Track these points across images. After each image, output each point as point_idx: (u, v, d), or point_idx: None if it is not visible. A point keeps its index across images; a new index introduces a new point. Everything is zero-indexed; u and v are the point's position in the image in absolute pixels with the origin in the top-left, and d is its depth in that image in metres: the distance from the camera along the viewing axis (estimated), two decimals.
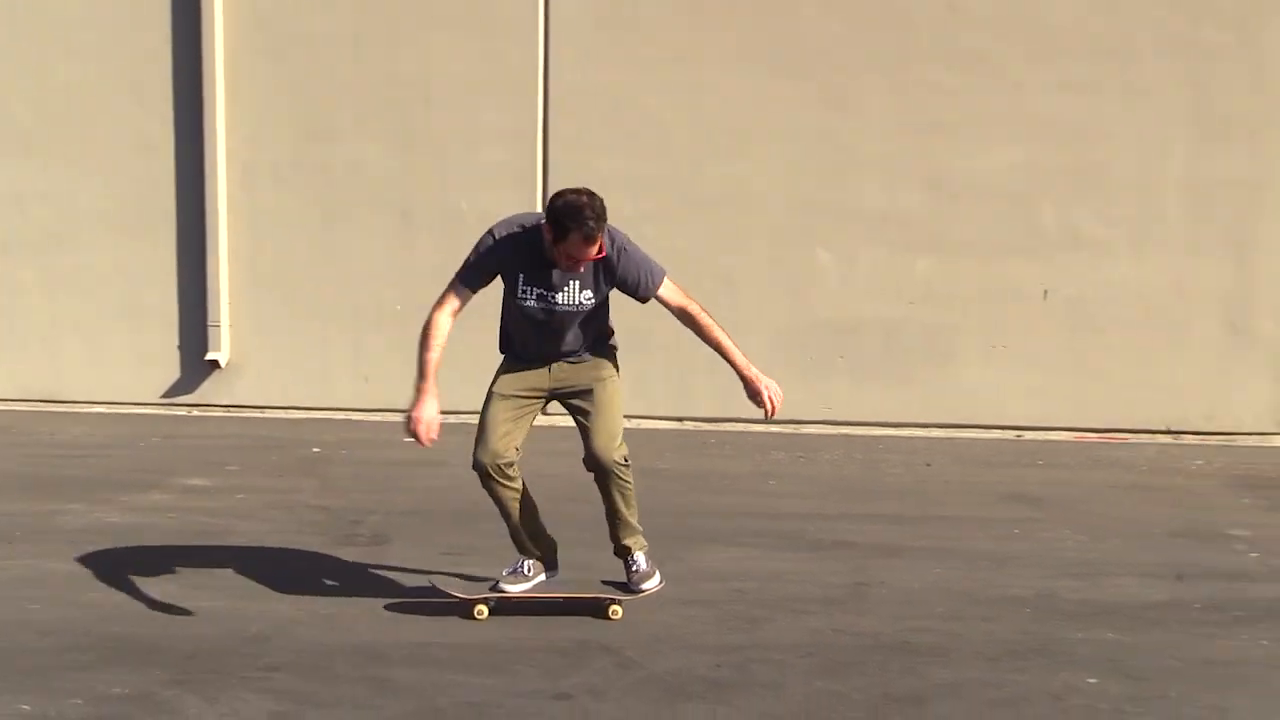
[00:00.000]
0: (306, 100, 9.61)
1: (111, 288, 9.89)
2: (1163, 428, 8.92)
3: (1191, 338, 8.90)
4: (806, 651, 4.75)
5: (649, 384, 9.31)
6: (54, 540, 6.22)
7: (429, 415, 5.00)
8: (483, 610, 5.13)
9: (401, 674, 4.54)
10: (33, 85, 9.87)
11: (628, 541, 5.24)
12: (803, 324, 9.20)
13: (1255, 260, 8.83)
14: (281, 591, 5.41)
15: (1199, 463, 8.15)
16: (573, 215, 4.78)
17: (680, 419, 9.31)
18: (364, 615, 5.16)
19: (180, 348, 9.88)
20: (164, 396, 9.89)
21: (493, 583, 5.22)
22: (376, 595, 5.35)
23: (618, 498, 5.16)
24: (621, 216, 9.26)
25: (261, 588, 5.47)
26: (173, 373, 9.90)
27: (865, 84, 9.05)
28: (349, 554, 6.00)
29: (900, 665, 4.61)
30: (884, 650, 4.76)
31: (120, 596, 5.38)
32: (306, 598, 5.35)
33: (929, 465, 8.09)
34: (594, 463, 5.10)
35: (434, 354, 5.03)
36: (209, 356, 9.74)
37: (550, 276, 4.99)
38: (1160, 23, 8.77)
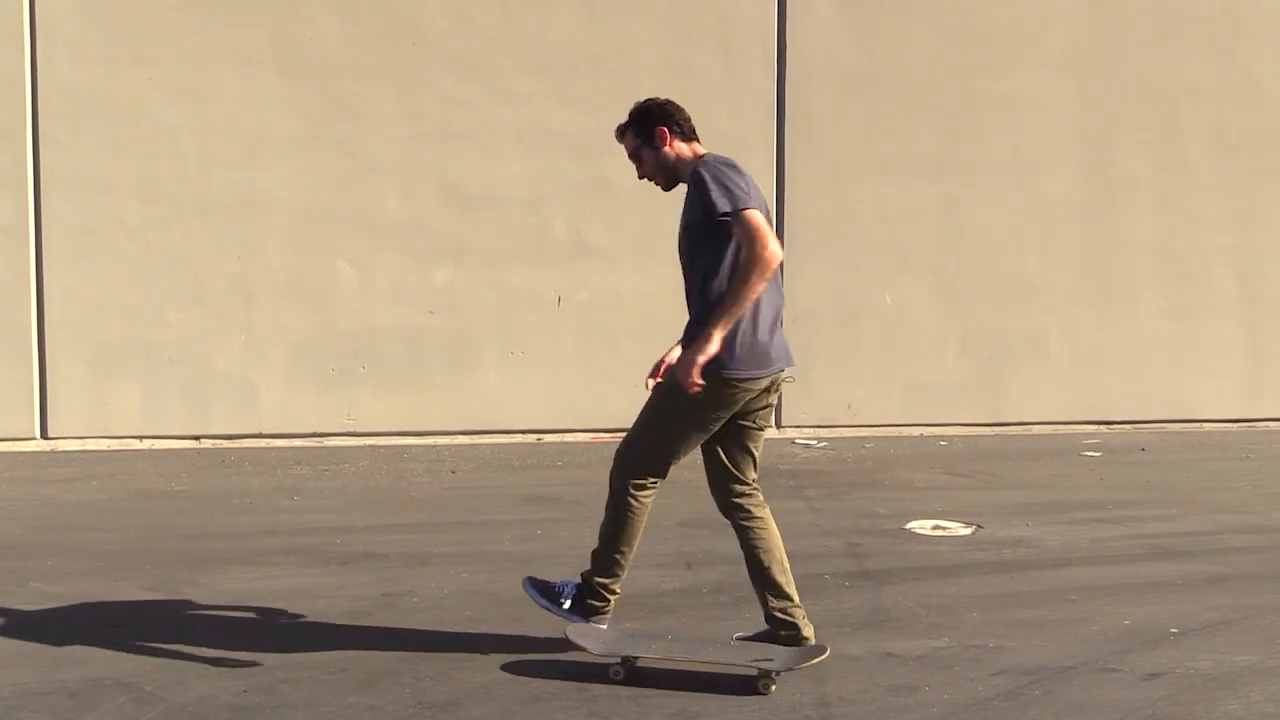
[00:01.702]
0: None
1: None
2: None
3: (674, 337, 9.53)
4: (338, 667, 4.70)
5: (161, 402, 8.89)
6: None
7: None
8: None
9: None
10: None
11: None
12: (323, 334, 9.08)
13: None
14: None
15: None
16: None
17: (197, 437, 8.93)
18: None
19: None
20: None
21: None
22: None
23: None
24: (126, 224, 8.88)
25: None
26: None
27: (379, 92, 9.05)
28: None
29: (432, 671, 4.66)
30: (415, 659, 4.79)
31: None
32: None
33: (454, 472, 8.21)
34: None
35: None
36: None
37: None
38: (653, 44, 9.33)
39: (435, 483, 7.92)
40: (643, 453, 4.68)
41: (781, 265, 4.49)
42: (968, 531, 6.68)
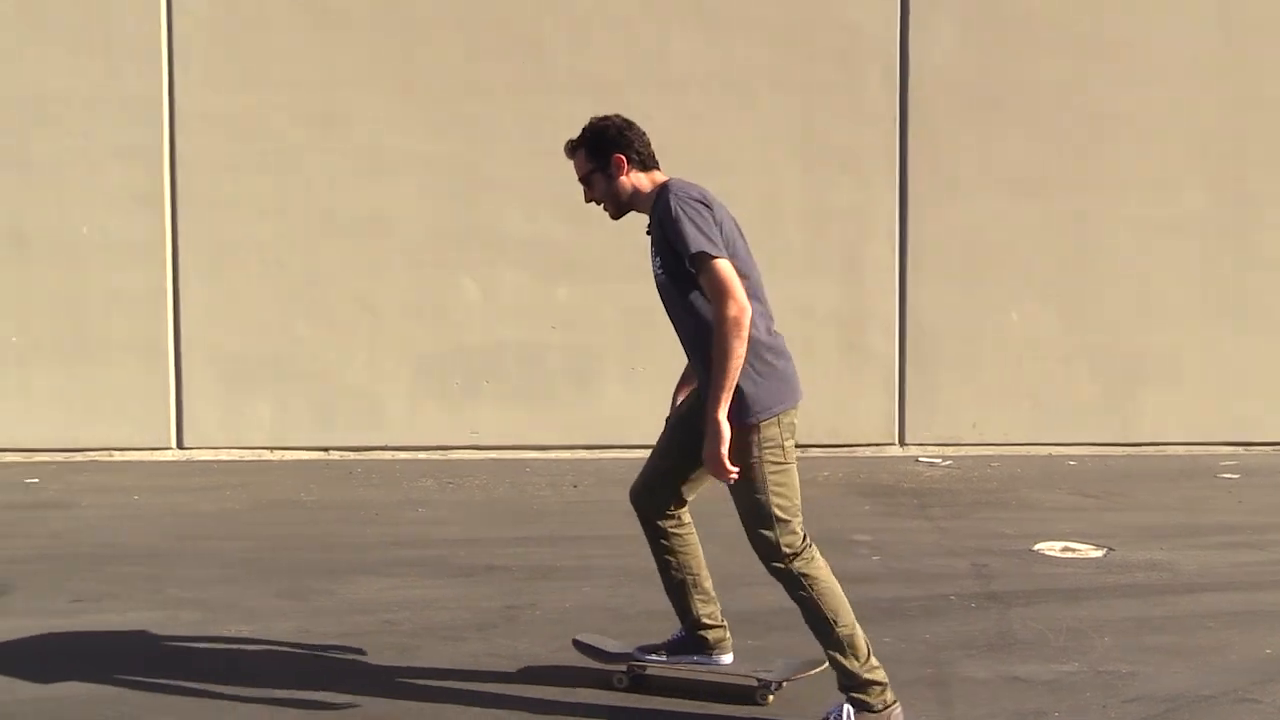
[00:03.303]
0: None
1: None
2: None
3: (814, 356, 9.47)
4: (461, 678, 4.75)
5: (292, 415, 9.09)
6: None
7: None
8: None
9: None
10: None
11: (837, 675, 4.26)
12: (447, 349, 9.21)
13: (864, 281, 9.47)
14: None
15: (825, 474, 8.68)
16: None
17: (326, 449, 9.11)
18: None
19: None
20: None
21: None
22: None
23: None
24: (259, 241, 9.11)
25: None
26: None
27: (501, 110, 9.16)
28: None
29: (554, 683, 4.68)
30: (538, 670, 4.82)
31: None
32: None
33: (575, 486, 8.26)
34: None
35: None
36: None
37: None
38: (773, 61, 9.31)
39: (557, 497, 7.97)
40: (770, 528, 4.25)
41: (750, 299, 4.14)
42: (1099, 554, 6.52)
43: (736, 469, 4.10)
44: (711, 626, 4.58)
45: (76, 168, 8.98)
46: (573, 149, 4.45)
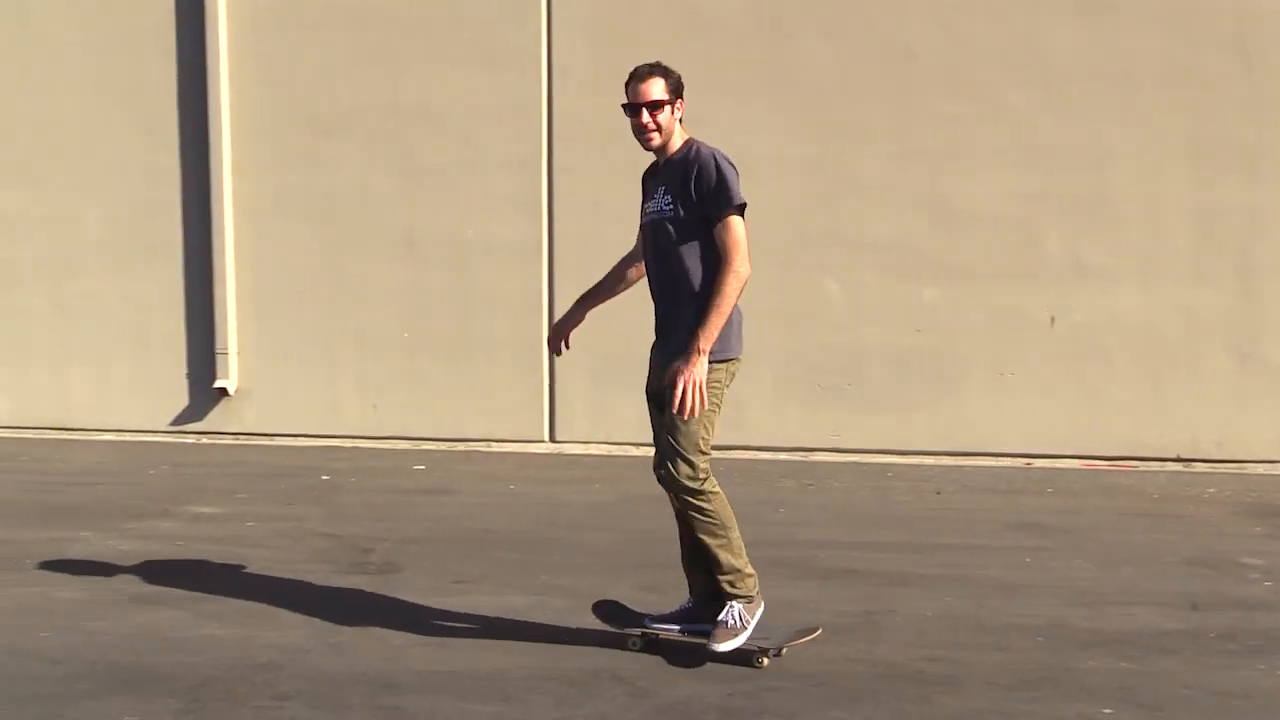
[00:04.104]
0: (311, 129, 9.66)
1: (119, 315, 9.93)
2: (1173, 455, 8.90)
3: (1200, 364, 8.89)
4: (819, 680, 4.73)
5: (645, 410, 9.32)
6: (64, 568, 6.21)
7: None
8: (635, 642, 5.01)
9: (413, 702, 4.52)
10: (37, 113, 9.94)
11: (720, 583, 4.85)
12: (810, 351, 9.20)
13: (1260, 287, 8.82)
14: (291, 620, 5.39)
15: (1210, 490, 8.13)
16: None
17: None
18: (374, 644, 5.14)
19: (188, 376, 9.90)
20: (172, 424, 9.90)
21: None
22: (387, 624, 5.32)
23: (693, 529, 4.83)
24: (628, 243, 9.35)
25: (271, 616, 5.45)
26: (181, 400, 9.91)
27: (866, 112, 9.08)
28: (359, 582, 5.98)
29: (914, 694, 4.58)
30: (897, 679, 4.74)
31: (130, 625, 5.37)
32: (316, 626, 5.33)
33: (939, 493, 8.07)
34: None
35: None
36: (217, 384, 9.76)
37: (650, 183, 4.93)
38: (1159, 51, 8.80)
39: (919, 503, 7.82)
40: (695, 455, 4.74)
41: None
42: None
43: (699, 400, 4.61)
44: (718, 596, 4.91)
45: (461, 175, 9.54)
46: (651, 73, 4.84)
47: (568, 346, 5.40)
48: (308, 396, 9.77)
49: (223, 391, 9.80)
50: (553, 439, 9.51)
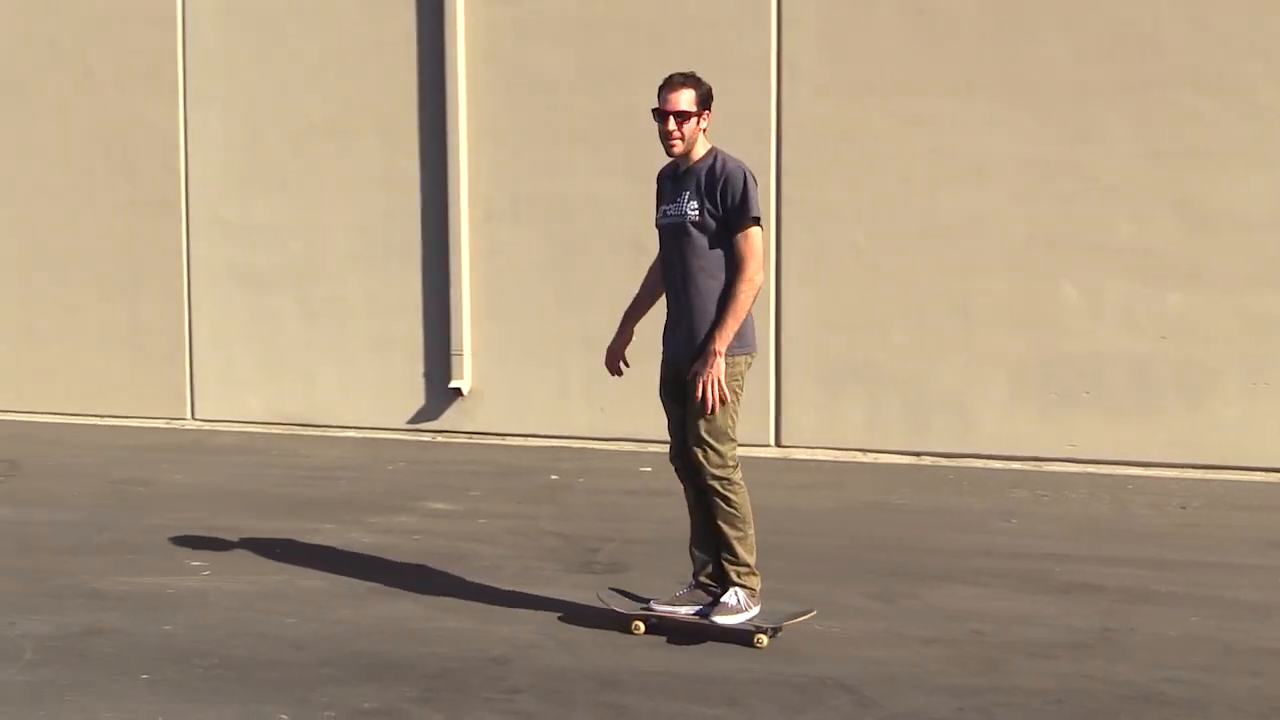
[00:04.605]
0: (544, 136, 9.86)
1: (361, 317, 10.34)
2: None
3: None
4: (1054, 698, 4.57)
5: (884, 418, 9.18)
6: (308, 558, 6.51)
7: None
8: (640, 626, 5.27)
9: (637, 702, 4.56)
10: (290, 126, 10.44)
11: (726, 569, 5.19)
12: (1045, 357, 8.91)
13: None
14: (521, 615, 5.51)
15: None
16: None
17: (917, 453, 9.12)
18: (601, 642, 5.21)
19: (425, 376, 10.24)
20: (410, 422, 10.26)
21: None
22: (613, 622, 5.39)
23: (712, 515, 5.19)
24: (855, 247, 9.28)
25: (502, 611, 5.59)
26: (418, 400, 10.26)
27: (1108, 110, 8.74)
28: (586, 581, 6.07)
29: (1154, 716, 4.39)
30: (1136, 700, 4.54)
31: (370, 614, 5.59)
32: (545, 622, 5.44)
33: (1183, 508, 7.70)
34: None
35: None
36: (452, 384, 10.06)
37: (669, 186, 5.33)
38: None
39: (1161, 517, 7.47)
40: (723, 443, 5.13)
41: None
42: None
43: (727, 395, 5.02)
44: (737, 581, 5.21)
45: None
46: (683, 84, 5.17)
47: (628, 365, 5.65)
48: (538, 397, 9.98)
49: (457, 391, 10.09)
50: (778, 443, 9.47)
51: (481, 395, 10.09)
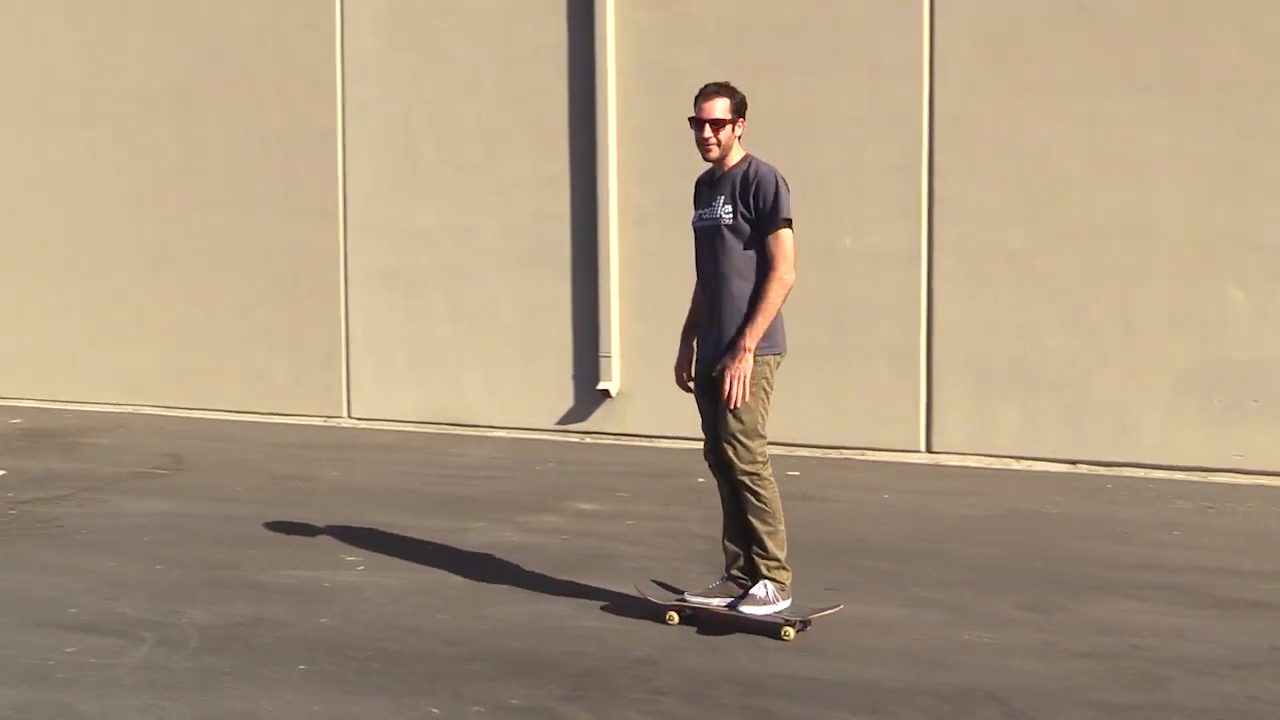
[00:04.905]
0: (690, 138, 9.85)
1: (511, 319, 10.49)
2: None
3: None
4: (1216, 718, 4.41)
5: (1039, 425, 8.97)
6: (459, 555, 6.63)
7: None
8: (674, 616, 5.42)
9: (783, 707, 4.54)
10: (444, 130, 10.64)
11: (757, 563, 5.32)
12: (1211, 365, 8.60)
13: None
14: (667, 617, 5.52)
15: None
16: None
17: (1073, 461, 8.89)
18: (746, 646, 5.20)
19: (574, 377, 10.34)
20: (558, 423, 10.37)
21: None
22: (758, 626, 5.36)
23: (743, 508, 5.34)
24: (1010, 249, 9.08)
25: (649, 613, 5.60)
26: (567, 401, 10.36)
27: (1276, 107, 8.40)
28: (731, 585, 6.04)
29: None
30: None
31: (519, 612, 5.66)
32: (691, 625, 5.44)
33: None
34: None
35: None
36: (600, 386, 10.14)
37: (705, 191, 5.48)
38: None
39: None
40: (754, 439, 5.25)
41: None
42: None
43: (749, 391, 5.15)
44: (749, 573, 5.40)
45: (839, 181, 9.49)
46: (718, 93, 5.34)
47: (692, 379, 5.71)
48: (684, 400, 9.95)
49: (605, 393, 10.17)
50: (929, 449, 9.32)
51: (629, 397, 10.14)
